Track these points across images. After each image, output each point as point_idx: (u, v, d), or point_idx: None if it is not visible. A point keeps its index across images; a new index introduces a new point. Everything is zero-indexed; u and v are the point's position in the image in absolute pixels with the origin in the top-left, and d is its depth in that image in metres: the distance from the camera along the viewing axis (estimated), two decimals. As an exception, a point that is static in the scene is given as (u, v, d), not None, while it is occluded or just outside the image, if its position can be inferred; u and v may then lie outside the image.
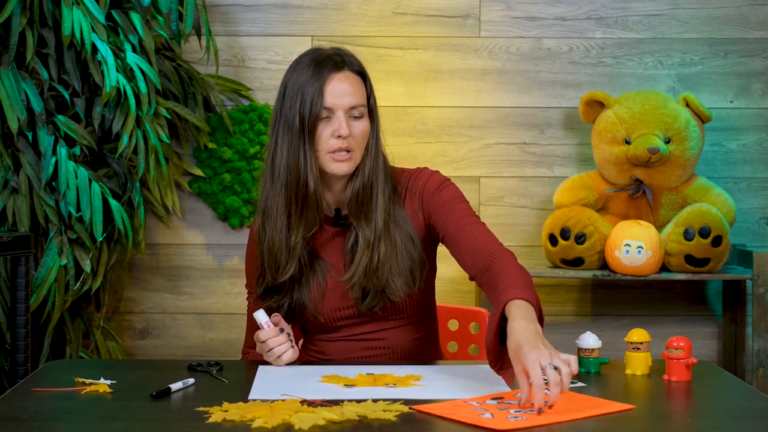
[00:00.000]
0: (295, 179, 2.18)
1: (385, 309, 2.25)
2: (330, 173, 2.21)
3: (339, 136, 2.17)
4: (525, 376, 1.78)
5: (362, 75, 2.23)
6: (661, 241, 3.17)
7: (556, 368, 1.76)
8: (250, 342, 2.34)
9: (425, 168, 2.31)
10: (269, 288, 2.27)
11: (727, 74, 3.46)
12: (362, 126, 2.20)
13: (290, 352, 2.17)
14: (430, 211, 2.25)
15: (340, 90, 2.18)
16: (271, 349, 2.16)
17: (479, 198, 3.46)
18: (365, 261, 2.20)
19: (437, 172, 2.29)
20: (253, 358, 2.30)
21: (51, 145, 3.02)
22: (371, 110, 2.23)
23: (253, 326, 2.31)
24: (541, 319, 1.96)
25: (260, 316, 2.18)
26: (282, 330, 2.17)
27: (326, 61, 2.20)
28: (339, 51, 2.24)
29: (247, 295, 2.37)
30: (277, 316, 2.20)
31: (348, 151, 2.18)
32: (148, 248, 3.46)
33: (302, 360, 2.29)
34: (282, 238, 2.22)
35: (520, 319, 1.88)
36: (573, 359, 1.83)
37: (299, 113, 2.17)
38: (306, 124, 2.17)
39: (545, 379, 1.76)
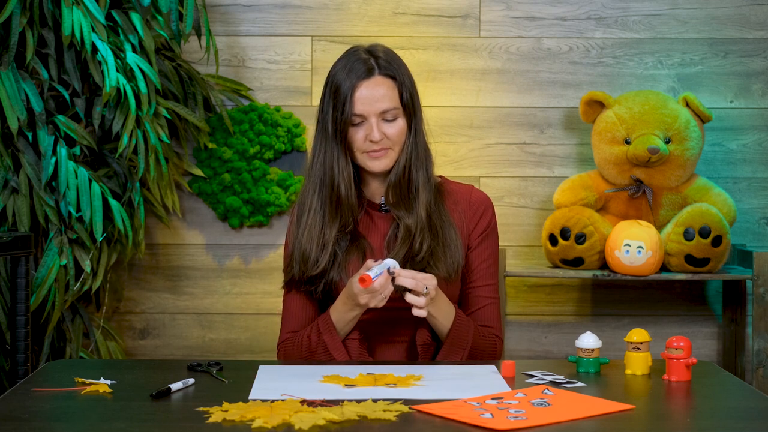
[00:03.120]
0: (330, 181, 2.28)
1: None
2: (369, 171, 2.30)
3: (372, 141, 2.25)
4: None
5: (393, 77, 2.28)
6: (661, 241, 3.17)
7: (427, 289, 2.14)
8: (291, 327, 2.35)
9: (477, 189, 2.39)
10: (304, 275, 2.30)
11: (727, 74, 3.46)
12: (396, 128, 2.28)
13: (391, 287, 2.19)
14: (472, 245, 2.35)
15: (369, 97, 2.25)
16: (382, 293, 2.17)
17: (479, 198, 3.46)
18: (405, 250, 2.27)
19: (491, 203, 2.39)
20: (291, 348, 2.31)
21: (51, 145, 3.02)
22: (407, 107, 2.29)
23: (291, 312, 2.34)
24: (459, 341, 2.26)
25: (392, 261, 2.17)
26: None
27: (356, 67, 2.27)
28: (373, 52, 2.30)
29: (283, 283, 2.39)
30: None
31: (385, 149, 2.27)
32: (148, 248, 3.46)
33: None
34: (315, 233, 2.29)
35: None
36: (421, 302, 2.15)
37: (332, 119, 2.27)
38: (338, 130, 2.26)
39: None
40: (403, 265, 2.23)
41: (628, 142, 3.25)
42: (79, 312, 3.20)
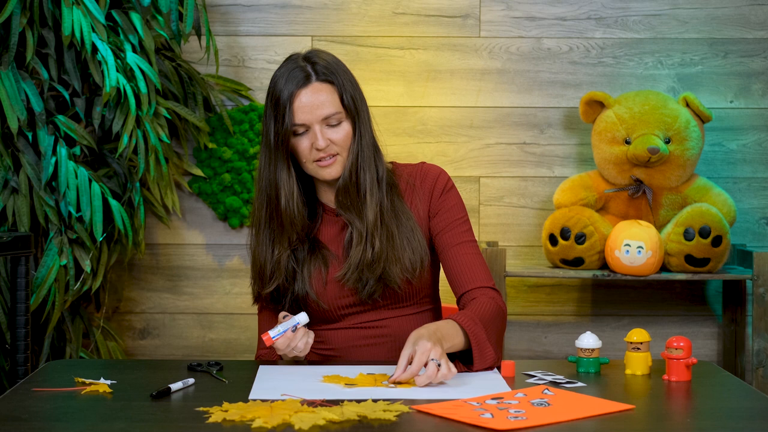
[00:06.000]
0: (275, 194, 2.24)
1: (387, 297, 2.27)
2: (321, 180, 2.26)
3: (317, 149, 2.21)
4: (408, 360, 1.97)
5: (332, 82, 2.22)
6: (661, 241, 3.17)
7: (438, 365, 1.95)
8: (263, 345, 2.34)
9: (428, 164, 2.36)
10: (263, 292, 2.30)
11: (727, 74, 3.47)
12: (341, 132, 2.23)
13: (304, 340, 2.17)
14: (434, 211, 2.30)
15: (309, 105, 2.20)
16: (292, 349, 2.17)
17: (479, 198, 3.46)
18: (358, 256, 2.24)
19: (443, 171, 2.34)
20: (267, 359, 2.32)
21: (51, 145, 3.02)
22: (349, 110, 2.24)
23: (262, 330, 2.33)
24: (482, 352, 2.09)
25: (302, 318, 2.16)
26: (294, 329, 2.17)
27: (293, 76, 2.21)
28: (310, 59, 2.24)
29: (253, 300, 2.39)
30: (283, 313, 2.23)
31: (333, 156, 2.23)
32: (148, 248, 3.46)
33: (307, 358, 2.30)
34: (267, 251, 2.27)
35: (438, 324, 2.07)
36: (452, 373, 1.97)
37: (274, 131, 2.22)
38: (280, 141, 2.21)
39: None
40: (358, 269, 2.22)
41: (628, 142, 3.25)
42: (79, 312, 3.20)
